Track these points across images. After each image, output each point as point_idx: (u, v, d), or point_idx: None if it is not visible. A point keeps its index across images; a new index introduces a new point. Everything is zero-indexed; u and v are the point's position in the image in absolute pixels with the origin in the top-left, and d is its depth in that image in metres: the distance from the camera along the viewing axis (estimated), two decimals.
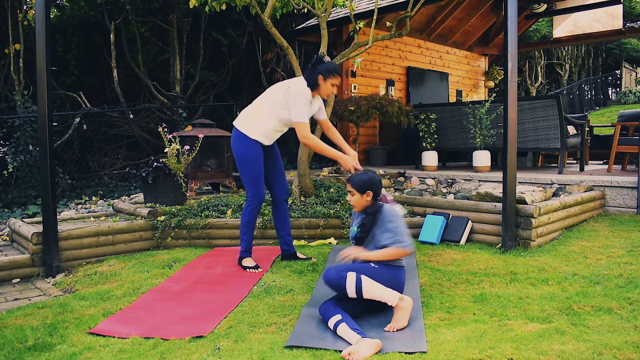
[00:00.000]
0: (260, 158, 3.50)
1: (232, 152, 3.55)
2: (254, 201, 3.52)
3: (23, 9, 7.11)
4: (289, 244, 3.72)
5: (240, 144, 3.48)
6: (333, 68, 3.31)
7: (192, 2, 5.02)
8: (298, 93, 3.27)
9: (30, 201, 6.79)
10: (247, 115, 3.51)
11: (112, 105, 8.98)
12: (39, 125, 3.65)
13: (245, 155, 3.46)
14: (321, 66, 3.30)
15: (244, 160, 3.48)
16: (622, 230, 4.13)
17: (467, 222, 4.09)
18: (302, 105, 3.27)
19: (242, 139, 3.47)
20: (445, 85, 9.30)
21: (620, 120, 7.15)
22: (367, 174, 2.78)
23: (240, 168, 3.51)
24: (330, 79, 3.31)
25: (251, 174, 3.48)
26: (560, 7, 8.75)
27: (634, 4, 17.29)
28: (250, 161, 3.46)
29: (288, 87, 3.33)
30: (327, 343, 2.30)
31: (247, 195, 3.53)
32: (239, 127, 3.50)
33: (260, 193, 3.52)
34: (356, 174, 2.81)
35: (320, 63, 3.31)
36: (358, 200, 2.75)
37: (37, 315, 2.83)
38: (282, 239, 3.72)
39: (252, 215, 3.55)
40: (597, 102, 19.47)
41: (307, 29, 7.91)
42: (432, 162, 6.43)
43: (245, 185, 3.54)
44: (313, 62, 3.34)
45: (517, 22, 3.69)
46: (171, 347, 2.36)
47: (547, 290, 2.89)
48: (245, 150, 3.46)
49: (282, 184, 3.70)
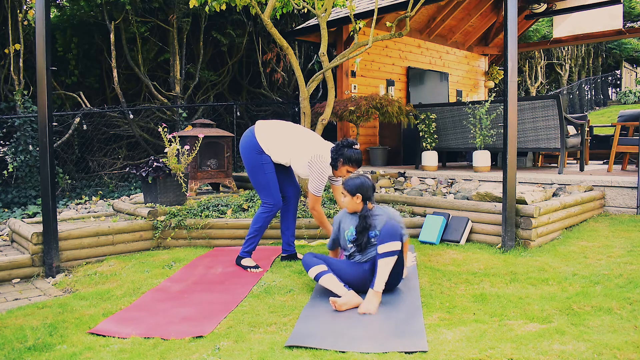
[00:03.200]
0: (273, 166, 3.55)
1: (242, 157, 3.58)
2: (274, 209, 3.56)
3: (23, 9, 7.12)
4: (291, 244, 3.77)
5: (254, 155, 3.51)
6: (356, 159, 3.38)
7: (192, 2, 5.03)
8: (323, 168, 3.38)
9: (30, 201, 6.80)
10: (272, 138, 3.52)
11: (112, 105, 8.99)
12: (39, 125, 3.65)
13: (259, 164, 3.50)
14: (348, 151, 3.36)
15: (256, 169, 3.51)
16: (622, 230, 4.13)
17: (467, 222, 4.09)
18: (322, 181, 3.40)
19: (257, 150, 3.50)
20: (445, 85, 9.30)
21: (620, 120, 7.16)
22: (360, 179, 3.00)
23: (253, 175, 3.54)
24: (348, 166, 3.39)
25: (265, 182, 3.51)
26: (560, 7, 8.74)
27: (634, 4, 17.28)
28: (263, 170, 3.50)
29: (316, 155, 3.39)
30: (327, 343, 2.30)
31: (267, 203, 3.55)
32: (260, 141, 3.51)
33: (279, 201, 3.57)
34: (350, 178, 3.03)
35: (350, 148, 3.38)
36: (349, 201, 3.00)
37: (37, 315, 2.83)
38: (286, 238, 3.76)
39: (267, 221, 3.59)
40: (597, 102, 19.48)
41: (307, 29, 7.91)
42: (432, 162, 6.43)
43: (261, 192, 3.56)
44: (344, 143, 3.39)
45: (517, 22, 3.69)
46: (171, 347, 2.36)
47: (547, 290, 2.89)
48: (260, 160, 3.50)
49: (295, 185, 3.76)
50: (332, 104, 4.99)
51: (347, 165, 3.38)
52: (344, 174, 3.43)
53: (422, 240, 4.12)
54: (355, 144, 3.39)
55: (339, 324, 2.54)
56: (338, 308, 2.66)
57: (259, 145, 3.49)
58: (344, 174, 3.43)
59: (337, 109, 6.39)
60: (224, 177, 5.80)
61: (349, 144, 3.38)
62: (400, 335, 2.38)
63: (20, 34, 7.17)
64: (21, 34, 7.18)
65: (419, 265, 3.46)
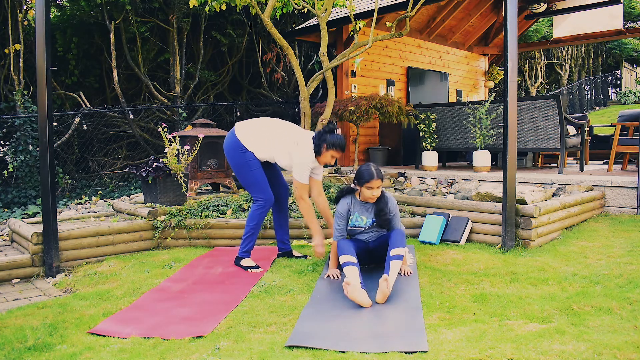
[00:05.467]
0: (259, 163, 3.56)
1: (228, 159, 3.61)
2: (267, 204, 3.57)
3: (23, 9, 7.11)
4: (285, 242, 3.83)
5: (238, 154, 3.53)
6: (339, 143, 3.40)
7: (192, 2, 5.03)
8: (305, 155, 3.39)
9: (30, 201, 6.80)
10: (253, 135, 3.54)
11: (112, 105, 8.99)
12: (39, 125, 3.65)
13: (244, 162, 3.52)
14: (330, 137, 3.39)
15: (242, 167, 3.53)
16: (622, 230, 4.13)
17: (467, 222, 4.09)
18: (306, 167, 3.41)
19: (240, 149, 3.52)
20: (445, 85, 9.30)
21: (620, 120, 7.15)
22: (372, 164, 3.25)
23: (241, 174, 3.56)
24: (332, 151, 3.42)
25: (253, 179, 3.52)
26: (560, 7, 8.74)
27: (634, 4, 17.28)
28: (249, 167, 3.52)
29: (297, 143, 3.42)
30: (327, 343, 2.30)
31: (259, 199, 3.56)
32: (241, 139, 3.53)
33: (271, 196, 3.58)
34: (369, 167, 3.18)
35: (331, 133, 3.40)
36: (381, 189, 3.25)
37: (37, 315, 2.83)
38: (280, 236, 3.83)
39: (262, 217, 3.59)
40: (597, 102, 19.48)
41: (307, 29, 7.91)
42: (432, 162, 6.43)
43: (252, 190, 3.57)
44: (325, 129, 3.42)
45: (517, 22, 3.69)
46: (171, 347, 2.36)
47: (547, 290, 2.89)
48: (244, 158, 3.52)
49: (283, 184, 3.80)
50: (332, 104, 4.99)
51: (332, 150, 3.40)
52: (328, 159, 3.46)
53: (422, 240, 4.12)
54: (336, 129, 3.42)
55: (339, 324, 2.54)
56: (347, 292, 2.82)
57: (241, 143, 3.52)
58: (328, 160, 3.46)
59: (337, 109, 6.39)
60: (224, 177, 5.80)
61: (331, 129, 3.41)
62: (401, 335, 2.38)
63: (20, 34, 7.17)
64: (21, 34, 7.18)
65: (419, 265, 3.46)
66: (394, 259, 3.01)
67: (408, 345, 2.24)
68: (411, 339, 2.31)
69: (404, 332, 2.41)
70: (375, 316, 2.63)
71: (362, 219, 3.28)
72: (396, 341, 2.31)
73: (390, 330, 2.45)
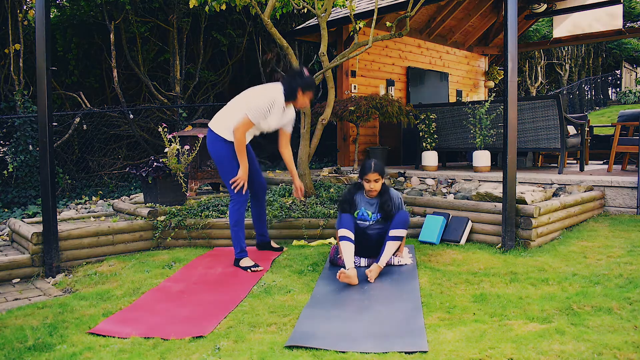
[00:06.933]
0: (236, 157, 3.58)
1: (209, 153, 3.66)
2: (241, 199, 3.61)
3: (23, 9, 7.11)
4: (264, 234, 3.99)
5: (215, 145, 3.59)
6: (312, 83, 3.56)
7: (192, 2, 5.02)
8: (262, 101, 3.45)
9: (30, 201, 6.80)
10: (221, 118, 3.61)
11: (112, 105, 8.99)
12: (39, 125, 3.65)
13: (222, 155, 3.57)
14: (302, 80, 3.50)
15: (221, 161, 3.58)
16: (622, 230, 4.13)
17: (467, 222, 4.09)
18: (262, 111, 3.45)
19: (216, 140, 3.58)
20: (445, 85, 9.30)
21: (620, 120, 7.15)
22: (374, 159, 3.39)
23: (220, 168, 3.62)
24: (308, 93, 3.55)
25: (231, 174, 3.56)
26: (560, 7, 8.74)
27: (634, 4, 17.29)
28: (228, 161, 3.56)
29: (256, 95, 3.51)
30: (327, 343, 2.30)
31: (233, 195, 3.61)
32: (214, 128, 3.61)
33: (247, 193, 3.65)
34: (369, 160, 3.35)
35: (302, 76, 3.50)
36: (381, 184, 3.38)
37: (37, 315, 2.83)
38: (259, 229, 3.96)
39: (241, 213, 3.63)
40: (597, 102, 19.48)
41: (307, 29, 7.91)
42: (432, 162, 6.43)
43: (228, 185, 3.62)
44: (293, 74, 3.53)
45: (517, 22, 3.69)
46: (171, 347, 2.36)
47: (547, 290, 2.89)
48: (221, 150, 3.56)
49: (260, 182, 3.88)
50: (332, 104, 4.99)
51: (308, 91, 3.53)
52: (306, 103, 3.59)
53: (422, 240, 4.12)
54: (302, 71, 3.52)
55: (339, 324, 2.54)
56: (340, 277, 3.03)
57: (217, 135, 3.57)
58: (306, 103, 3.60)
59: (337, 109, 6.39)
60: None
61: (299, 73, 3.52)
62: (401, 335, 2.38)
63: (20, 34, 7.16)
64: (21, 34, 7.17)
65: (419, 265, 3.46)
66: (390, 239, 3.23)
67: (408, 345, 2.24)
68: (411, 339, 2.31)
69: (404, 332, 2.41)
70: (375, 316, 2.63)
71: (368, 213, 3.46)
72: (396, 341, 2.31)
73: (390, 331, 2.45)
